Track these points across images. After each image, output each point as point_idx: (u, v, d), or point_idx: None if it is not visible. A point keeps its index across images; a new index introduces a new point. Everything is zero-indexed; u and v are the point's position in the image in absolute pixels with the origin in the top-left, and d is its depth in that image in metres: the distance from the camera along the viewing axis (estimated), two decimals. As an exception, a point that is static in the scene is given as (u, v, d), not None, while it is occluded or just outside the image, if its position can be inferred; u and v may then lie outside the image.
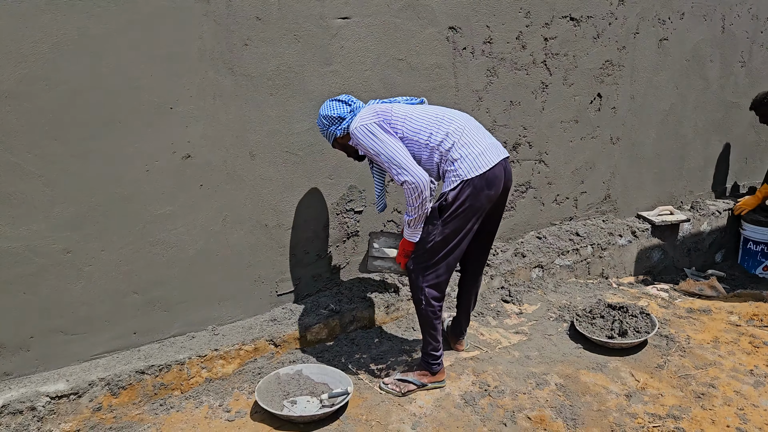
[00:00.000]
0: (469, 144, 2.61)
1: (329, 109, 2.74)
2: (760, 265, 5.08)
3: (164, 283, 2.94)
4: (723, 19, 4.74)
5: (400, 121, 2.65)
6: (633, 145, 4.57)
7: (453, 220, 2.62)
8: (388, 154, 2.58)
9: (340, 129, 2.74)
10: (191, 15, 2.73)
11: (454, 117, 2.69)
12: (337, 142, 2.83)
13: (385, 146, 2.59)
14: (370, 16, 3.19)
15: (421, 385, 2.89)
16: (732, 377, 3.03)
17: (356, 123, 2.64)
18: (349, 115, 2.73)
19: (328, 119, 2.74)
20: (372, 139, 2.60)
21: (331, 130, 2.76)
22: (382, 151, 2.59)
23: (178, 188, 2.88)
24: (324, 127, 2.77)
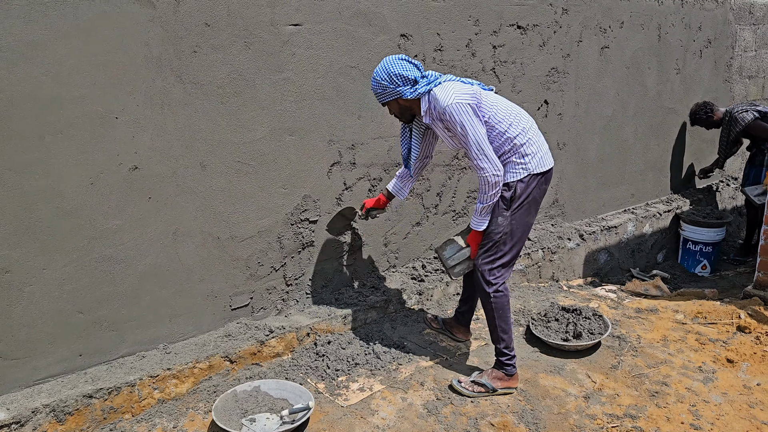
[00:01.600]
0: (538, 143, 2.79)
1: (402, 68, 2.69)
2: (698, 264, 5.29)
3: (111, 301, 2.80)
4: (659, 28, 4.93)
5: (488, 107, 2.72)
6: (578, 151, 4.68)
7: (520, 211, 2.77)
8: (477, 139, 2.64)
9: (412, 92, 2.71)
10: (136, 21, 2.62)
11: (527, 115, 2.84)
12: (398, 102, 2.78)
13: (476, 130, 2.64)
14: (321, 23, 3.15)
15: (493, 389, 2.88)
16: (683, 374, 3.12)
17: (451, 97, 2.63)
18: (423, 81, 2.72)
19: (401, 78, 2.69)
20: (467, 119, 2.63)
21: (400, 89, 2.71)
22: (472, 133, 2.64)
23: (125, 201, 2.75)
24: (390, 83, 2.70)
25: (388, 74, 2.70)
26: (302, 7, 3.06)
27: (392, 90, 2.73)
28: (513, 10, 3.94)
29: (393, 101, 2.79)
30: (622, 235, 4.98)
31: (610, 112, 4.80)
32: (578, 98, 4.53)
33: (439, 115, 2.71)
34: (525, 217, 2.79)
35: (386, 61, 2.73)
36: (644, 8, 4.77)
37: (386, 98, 2.77)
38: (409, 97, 2.73)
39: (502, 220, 2.77)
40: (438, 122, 2.75)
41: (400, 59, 2.73)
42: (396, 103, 2.80)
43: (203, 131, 2.89)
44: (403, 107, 2.82)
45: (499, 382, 2.91)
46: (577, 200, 4.81)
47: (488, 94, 2.79)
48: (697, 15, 5.23)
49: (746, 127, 5.03)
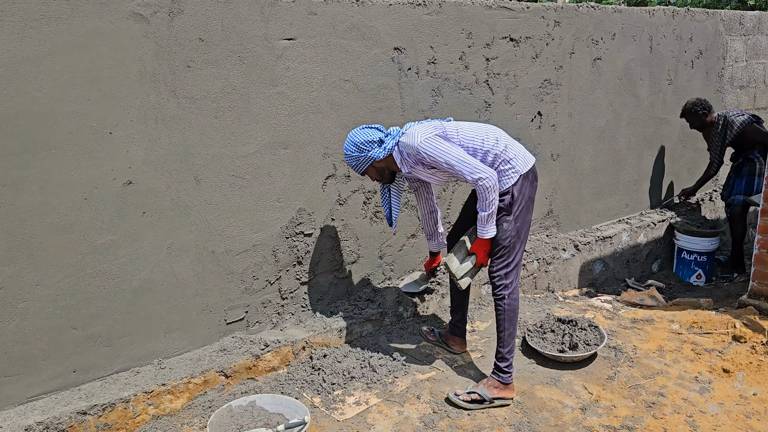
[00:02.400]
0: (515, 147, 2.89)
1: (365, 135, 2.89)
2: (693, 274, 5.30)
3: (105, 316, 2.79)
4: (651, 40, 4.97)
5: (454, 132, 2.84)
6: (572, 161, 4.70)
7: (521, 213, 2.87)
8: (459, 158, 2.74)
9: (381, 151, 2.88)
10: (131, 36, 2.63)
11: (494, 127, 2.95)
12: (374, 166, 2.94)
13: (453, 152, 2.75)
14: (315, 37, 3.16)
15: (488, 400, 2.90)
16: (679, 385, 3.12)
17: (418, 138, 2.77)
18: (388, 138, 2.90)
19: (368, 144, 2.87)
20: (440, 149, 2.75)
21: (371, 153, 2.87)
22: (452, 156, 2.75)
23: (119, 216, 2.74)
24: (360, 152, 2.88)
25: (355, 144, 2.88)
26: (296, 21, 3.07)
27: (364, 157, 2.89)
28: (505, 22, 3.97)
29: (369, 167, 2.95)
30: (616, 245, 4.99)
31: (603, 122, 4.82)
32: (571, 109, 4.55)
33: (415, 160, 2.85)
34: (526, 216, 2.90)
35: (350, 134, 2.93)
36: (635, 20, 4.81)
37: (362, 167, 2.93)
38: (381, 157, 2.89)
39: (507, 226, 2.86)
40: (418, 166, 2.88)
41: (361, 129, 2.93)
42: (372, 168, 2.96)
43: (197, 145, 2.90)
44: (380, 169, 2.97)
45: (495, 390, 2.92)
46: (572, 211, 4.82)
47: (449, 123, 2.91)
48: (688, 26, 5.28)
49: (743, 129, 4.97)
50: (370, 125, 2.96)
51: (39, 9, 2.39)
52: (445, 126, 2.86)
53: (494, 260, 2.92)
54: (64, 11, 2.44)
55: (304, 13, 3.10)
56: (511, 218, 2.85)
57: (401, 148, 2.87)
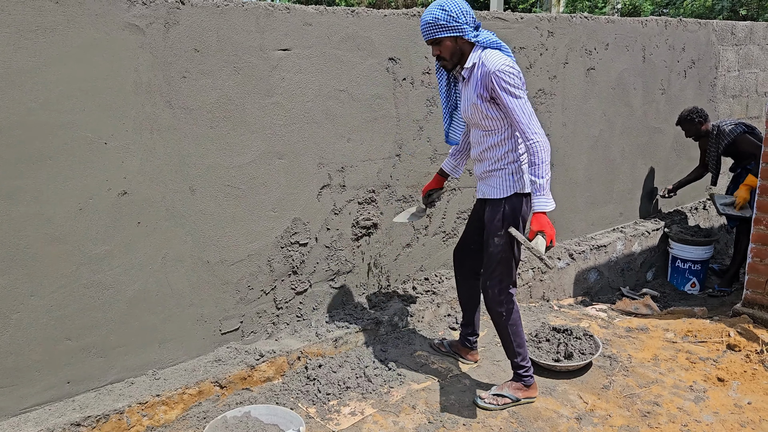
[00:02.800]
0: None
1: (468, 9, 2.63)
2: (687, 282, 5.32)
3: (100, 327, 2.78)
4: (644, 50, 5.01)
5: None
6: (567, 170, 4.72)
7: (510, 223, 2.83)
8: (524, 107, 2.60)
9: (471, 34, 2.64)
10: (126, 47, 2.63)
11: None
12: (456, 42, 2.66)
13: (523, 99, 2.61)
14: (310, 47, 3.18)
15: (516, 399, 2.98)
16: (674, 394, 3.12)
17: (500, 63, 2.56)
18: (480, 33, 2.66)
19: (470, 16, 2.63)
20: (516, 86, 2.59)
21: (464, 28, 2.62)
22: (521, 101, 2.60)
23: (114, 227, 2.74)
24: (457, 19, 2.60)
25: (460, 8, 2.61)
26: (291, 32, 3.09)
27: (457, 26, 2.61)
28: (500, 33, 3.99)
29: (451, 38, 2.65)
30: (611, 254, 5.01)
31: (597, 132, 4.85)
32: (565, 119, 4.58)
33: (482, 82, 2.64)
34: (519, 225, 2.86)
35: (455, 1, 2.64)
36: (629, 30, 4.85)
37: (446, 33, 2.62)
38: (469, 39, 2.65)
39: (499, 240, 2.81)
40: (479, 89, 2.66)
41: (466, 2, 2.67)
42: (453, 42, 2.67)
43: (193, 155, 2.90)
44: (456, 49, 2.69)
45: (521, 392, 3.00)
46: (566, 219, 4.84)
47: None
48: (681, 36, 5.32)
49: (735, 139, 4.95)
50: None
51: (34, 20, 2.39)
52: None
53: (488, 275, 2.88)
54: (59, 22, 2.45)
55: (299, 24, 3.11)
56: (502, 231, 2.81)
57: (482, 57, 2.63)
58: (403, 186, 3.73)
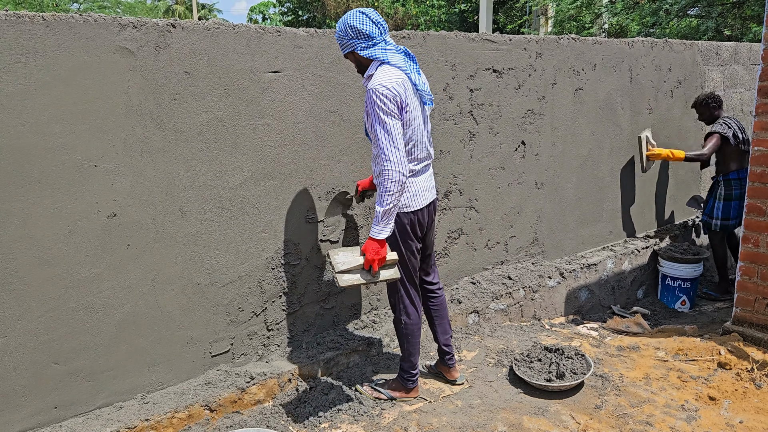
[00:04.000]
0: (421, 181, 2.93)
1: (360, 22, 2.71)
2: (678, 300, 5.34)
3: (88, 350, 2.75)
4: (631, 70, 5.07)
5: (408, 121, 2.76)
6: (556, 190, 4.75)
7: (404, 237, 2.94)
8: (387, 133, 2.66)
9: (363, 49, 2.75)
10: (116, 70, 2.64)
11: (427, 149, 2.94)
12: (354, 54, 2.81)
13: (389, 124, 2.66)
14: (300, 69, 3.20)
15: (391, 398, 3.17)
16: (666, 413, 3.12)
17: (375, 82, 2.66)
18: (378, 46, 2.74)
19: (355, 31, 2.72)
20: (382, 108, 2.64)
21: (353, 42, 2.74)
22: (383, 126, 2.66)
23: (103, 249, 2.73)
24: (346, 36, 2.74)
25: (348, 26, 2.73)
26: (281, 54, 3.11)
27: (347, 42, 2.76)
28: (488, 54, 4.04)
29: (350, 53, 2.82)
30: (601, 272, 5.03)
31: (586, 151, 4.89)
32: (554, 139, 4.62)
33: (366, 96, 2.73)
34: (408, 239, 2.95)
35: (348, 14, 2.76)
36: (615, 51, 4.91)
37: (343, 49, 2.81)
38: (360, 53, 2.76)
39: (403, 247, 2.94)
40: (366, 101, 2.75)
41: (361, 13, 2.75)
42: (352, 56, 2.82)
43: (183, 177, 2.90)
44: (357, 62, 2.83)
45: (398, 393, 3.19)
46: (557, 238, 4.86)
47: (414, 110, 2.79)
48: (667, 57, 5.40)
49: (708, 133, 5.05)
50: (369, 14, 2.75)
51: (25, 43, 2.40)
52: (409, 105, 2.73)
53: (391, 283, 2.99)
54: (50, 46, 2.46)
55: (290, 47, 3.14)
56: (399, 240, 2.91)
57: (374, 73, 2.75)
58: (394, 206, 3.74)
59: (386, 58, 2.75)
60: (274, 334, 3.36)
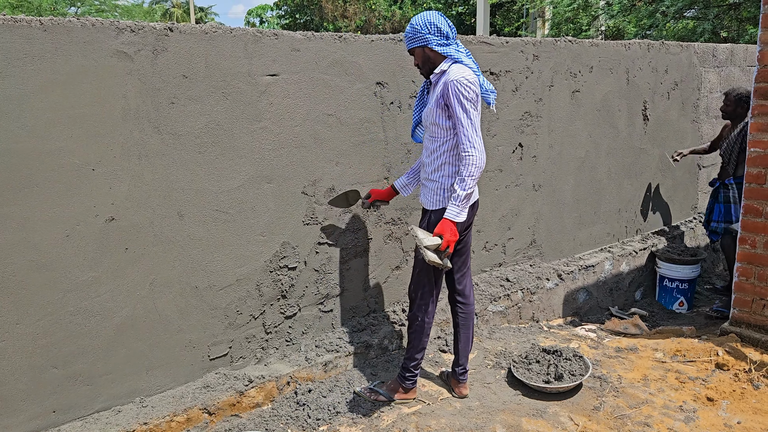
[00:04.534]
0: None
1: (440, 22, 2.87)
2: (675, 301, 5.35)
3: (86, 354, 2.75)
4: (627, 72, 5.09)
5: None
6: (554, 192, 4.76)
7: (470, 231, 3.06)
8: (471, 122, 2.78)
9: (438, 45, 2.87)
10: (114, 74, 2.65)
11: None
12: (424, 51, 2.90)
13: (472, 113, 2.79)
14: (298, 72, 3.21)
15: (390, 399, 3.18)
16: (664, 414, 3.12)
17: (458, 75, 2.78)
18: (453, 46, 2.89)
19: (435, 28, 2.85)
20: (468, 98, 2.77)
21: (429, 38, 2.86)
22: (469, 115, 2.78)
23: (101, 253, 2.73)
24: (423, 30, 2.85)
25: (425, 21, 2.86)
26: (279, 57, 3.12)
27: (423, 36, 2.86)
28: (486, 57, 4.05)
29: (419, 48, 2.90)
30: (599, 273, 5.04)
31: (583, 153, 4.90)
32: (552, 141, 4.63)
33: (441, 89, 2.84)
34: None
35: (428, 12, 2.92)
36: (612, 53, 4.93)
37: (415, 43, 2.89)
38: (435, 49, 2.87)
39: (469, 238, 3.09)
40: (437, 94, 2.87)
41: (440, 15, 2.92)
42: (423, 50, 2.90)
43: (181, 181, 2.90)
44: (426, 58, 2.92)
45: (397, 394, 3.19)
46: (554, 240, 4.87)
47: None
48: (663, 59, 5.42)
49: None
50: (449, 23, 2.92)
51: (22, 48, 2.40)
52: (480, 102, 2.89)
53: (415, 280, 3.07)
54: (47, 50, 2.46)
55: (287, 50, 3.14)
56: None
57: (449, 68, 2.86)
58: (392, 209, 3.75)
59: (460, 58, 2.89)
60: (273, 336, 3.36)
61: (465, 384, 3.30)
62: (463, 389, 3.29)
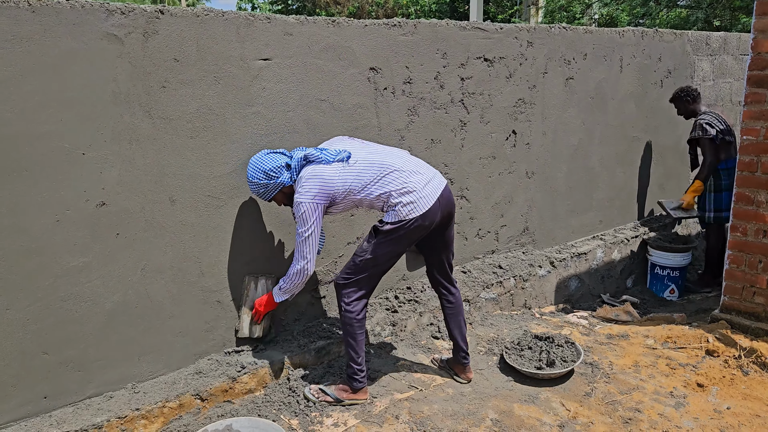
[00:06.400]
0: (408, 192, 2.84)
1: (272, 161, 2.86)
2: (666, 289, 5.38)
3: (78, 340, 2.73)
4: (621, 60, 5.08)
5: (341, 192, 2.86)
6: (547, 179, 4.76)
7: (385, 242, 2.87)
8: (304, 235, 2.84)
9: (289, 178, 2.89)
10: (104, 57, 2.61)
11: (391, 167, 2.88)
12: (283, 192, 2.94)
13: (310, 229, 2.83)
14: (291, 57, 3.17)
15: (337, 400, 3.03)
16: (655, 400, 3.15)
17: (300, 193, 2.80)
18: (294, 162, 2.89)
19: (275, 170, 2.85)
20: (303, 217, 2.82)
21: (279, 180, 2.87)
22: (308, 230, 2.83)
23: (92, 238, 2.70)
24: (269, 180, 2.86)
25: (264, 171, 2.85)
26: (272, 42, 3.08)
27: (273, 184, 2.88)
28: (479, 43, 4.02)
29: (278, 193, 2.94)
30: (591, 261, 5.05)
31: (576, 141, 4.90)
32: (545, 128, 4.62)
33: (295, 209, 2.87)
34: (391, 248, 2.91)
35: (255, 160, 2.89)
36: (606, 40, 4.91)
37: (270, 194, 2.92)
38: (289, 183, 2.91)
39: (367, 246, 2.91)
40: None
41: (266, 155, 2.91)
42: (281, 194, 2.95)
43: (173, 166, 2.88)
44: (289, 194, 2.95)
45: (345, 394, 3.04)
46: (547, 228, 4.87)
47: (344, 167, 2.86)
48: (657, 46, 5.41)
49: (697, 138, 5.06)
50: (273, 150, 2.96)
51: (10, 29, 2.36)
52: (334, 184, 2.83)
53: (344, 268, 2.99)
54: (36, 32, 2.42)
55: (279, 34, 3.11)
56: (373, 241, 2.89)
57: (297, 188, 2.85)
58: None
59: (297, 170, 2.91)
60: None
61: (469, 366, 3.34)
62: (470, 373, 3.33)
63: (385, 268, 3.00)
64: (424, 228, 2.89)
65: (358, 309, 2.97)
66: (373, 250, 2.89)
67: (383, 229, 2.86)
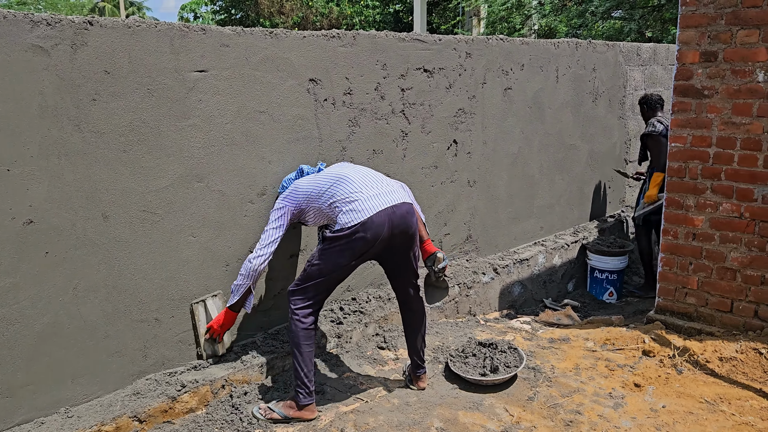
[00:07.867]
0: (351, 201, 2.94)
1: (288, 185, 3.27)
2: (605, 292, 5.54)
3: (5, 365, 2.61)
4: (557, 70, 5.22)
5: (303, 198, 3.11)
6: (488, 187, 4.84)
7: (331, 251, 2.93)
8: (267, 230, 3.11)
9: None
10: (30, 69, 2.51)
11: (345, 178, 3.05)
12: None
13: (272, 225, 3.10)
14: (228, 69, 3.13)
15: (285, 417, 2.99)
16: (594, 402, 3.22)
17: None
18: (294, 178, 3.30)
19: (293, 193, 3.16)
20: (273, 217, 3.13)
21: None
22: (269, 226, 3.11)
23: (20, 258, 2.59)
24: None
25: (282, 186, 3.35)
26: (207, 53, 3.04)
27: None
28: (419, 54, 4.07)
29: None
30: (533, 267, 5.16)
31: (516, 149, 5.00)
32: (486, 137, 4.70)
33: None
34: (335, 258, 2.95)
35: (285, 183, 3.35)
36: (542, 51, 5.05)
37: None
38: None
39: (316, 253, 3.01)
40: None
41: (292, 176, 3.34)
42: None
43: (105, 181, 2.79)
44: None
45: (292, 411, 3.00)
46: (490, 235, 4.95)
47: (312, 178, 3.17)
48: (591, 57, 5.59)
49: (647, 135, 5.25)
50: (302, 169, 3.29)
51: (-74, 41, 2.25)
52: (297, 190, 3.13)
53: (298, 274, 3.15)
54: (-46, 43, 2.32)
55: (215, 45, 3.07)
56: (320, 247, 2.99)
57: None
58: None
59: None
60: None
61: (423, 377, 3.37)
62: (422, 382, 3.36)
63: (331, 279, 3.01)
64: (367, 242, 2.90)
65: (305, 316, 2.98)
66: (319, 257, 2.96)
67: (327, 236, 2.96)
